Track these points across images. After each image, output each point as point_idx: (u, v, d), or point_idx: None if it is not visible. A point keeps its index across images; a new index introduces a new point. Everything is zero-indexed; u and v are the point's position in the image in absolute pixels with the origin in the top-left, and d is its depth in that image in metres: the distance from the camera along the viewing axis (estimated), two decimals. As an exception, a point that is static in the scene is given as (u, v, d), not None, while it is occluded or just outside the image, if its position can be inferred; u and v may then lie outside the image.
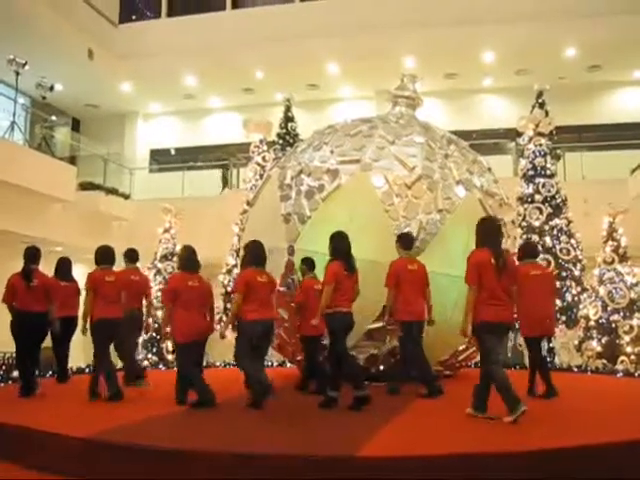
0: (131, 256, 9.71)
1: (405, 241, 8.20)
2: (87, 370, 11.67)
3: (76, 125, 23.02)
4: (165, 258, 14.92)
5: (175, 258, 14.90)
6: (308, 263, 8.68)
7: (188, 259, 7.66)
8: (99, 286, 7.87)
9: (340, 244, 7.26)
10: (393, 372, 8.56)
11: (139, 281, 9.34)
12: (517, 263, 7.83)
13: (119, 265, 8.93)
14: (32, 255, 8.71)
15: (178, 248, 15.01)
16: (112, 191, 19.30)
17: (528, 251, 8.43)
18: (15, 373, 10.29)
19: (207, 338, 7.95)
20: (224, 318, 15.17)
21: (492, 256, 6.17)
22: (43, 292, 8.48)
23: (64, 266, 10.04)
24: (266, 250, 7.67)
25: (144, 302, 9.31)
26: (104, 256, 8.21)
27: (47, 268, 9.27)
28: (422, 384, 8.02)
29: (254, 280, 7.18)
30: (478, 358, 11.91)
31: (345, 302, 7.09)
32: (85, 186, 18.48)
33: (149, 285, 9.92)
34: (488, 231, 6.43)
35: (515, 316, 6.80)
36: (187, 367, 7.36)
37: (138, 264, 9.94)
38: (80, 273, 20.03)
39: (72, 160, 19.27)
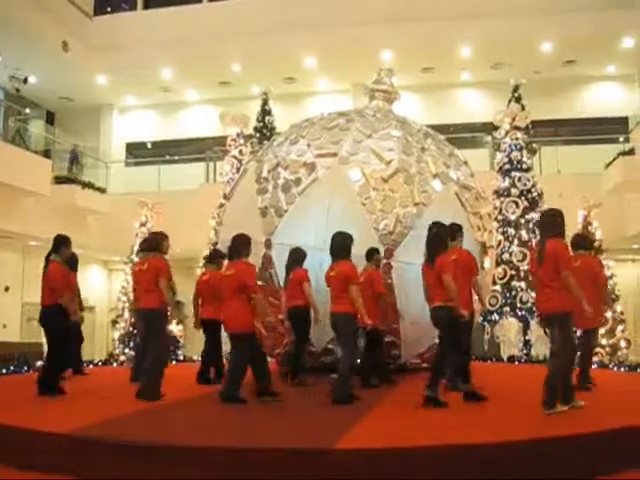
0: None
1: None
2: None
3: (51, 118, 22.75)
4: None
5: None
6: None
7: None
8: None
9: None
10: None
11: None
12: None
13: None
14: (54, 243, 8.24)
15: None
16: (88, 185, 19.13)
17: (576, 243, 8.28)
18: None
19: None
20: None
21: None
22: (48, 284, 7.95)
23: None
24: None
25: None
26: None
27: (27, 263, 9.11)
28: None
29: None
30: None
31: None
32: (60, 180, 18.30)
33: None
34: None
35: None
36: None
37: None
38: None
39: (47, 153, 19.04)
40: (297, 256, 8.61)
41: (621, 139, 18.28)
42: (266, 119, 18.20)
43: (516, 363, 12.66)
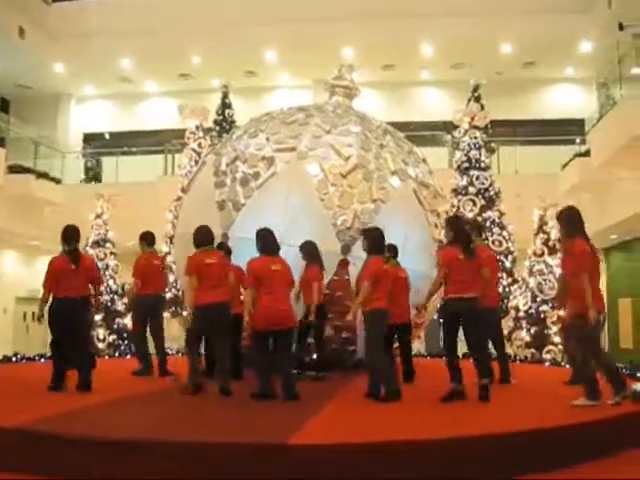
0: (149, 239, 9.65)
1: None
2: (14, 359, 11.37)
3: (5, 106, 22.29)
4: (97, 244, 14.59)
5: (107, 244, 14.64)
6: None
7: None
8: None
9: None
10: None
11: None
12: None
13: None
14: (75, 232, 7.90)
15: (110, 234, 14.74)
16: (43, 175, 18.75)
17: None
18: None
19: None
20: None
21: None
22: (86, 276, 7.71)
23: None
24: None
25: None
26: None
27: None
28: None
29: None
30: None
31: None
32: (14, 169, 17.91)
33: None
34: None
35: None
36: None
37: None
38: (12, 258, 19.75)
39: (0, 142, 18.64)
40: (316, 251, 8.46)
41: (577, 141, 18.55)
42: (226, 112, 18.15)
43: (471, 360, 12.72)
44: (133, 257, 9.60)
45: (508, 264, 13.87)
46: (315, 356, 8.97)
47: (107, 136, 23.11)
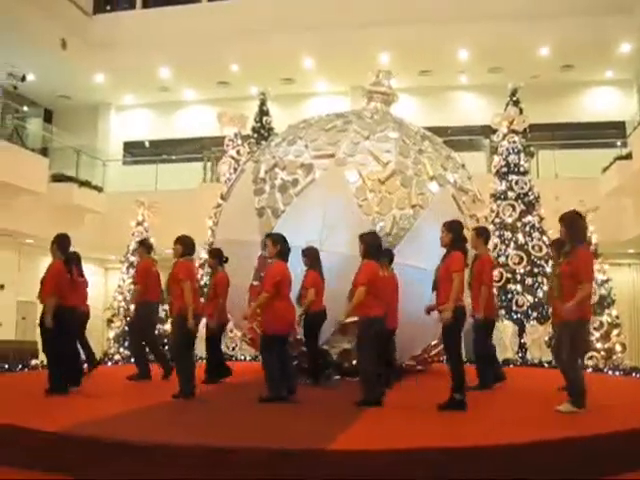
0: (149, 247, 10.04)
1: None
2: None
3: (48, 116, 22.70)
4: (138, 251, 14.80)
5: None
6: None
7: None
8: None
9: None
10: None
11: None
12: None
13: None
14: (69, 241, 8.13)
15: (153, 240, 14.93)
16: (85, 183, 19.10)
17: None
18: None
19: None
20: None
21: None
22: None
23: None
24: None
25: None
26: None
27: (22, 261, 9.07)
28: None
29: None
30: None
31: None
32: (57, 178, 18.28)
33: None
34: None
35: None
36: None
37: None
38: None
39: (44, 152, 19.02)
40: (319, 256, 8.46)
41: (618, 144, 18.31)
42: (264, 120, 18.25)
43: (511, 366, 12.60)
44: (171, 264, 9.76)
45: (548, 269, 13.73)
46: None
47: (147, 144, 23.40)
